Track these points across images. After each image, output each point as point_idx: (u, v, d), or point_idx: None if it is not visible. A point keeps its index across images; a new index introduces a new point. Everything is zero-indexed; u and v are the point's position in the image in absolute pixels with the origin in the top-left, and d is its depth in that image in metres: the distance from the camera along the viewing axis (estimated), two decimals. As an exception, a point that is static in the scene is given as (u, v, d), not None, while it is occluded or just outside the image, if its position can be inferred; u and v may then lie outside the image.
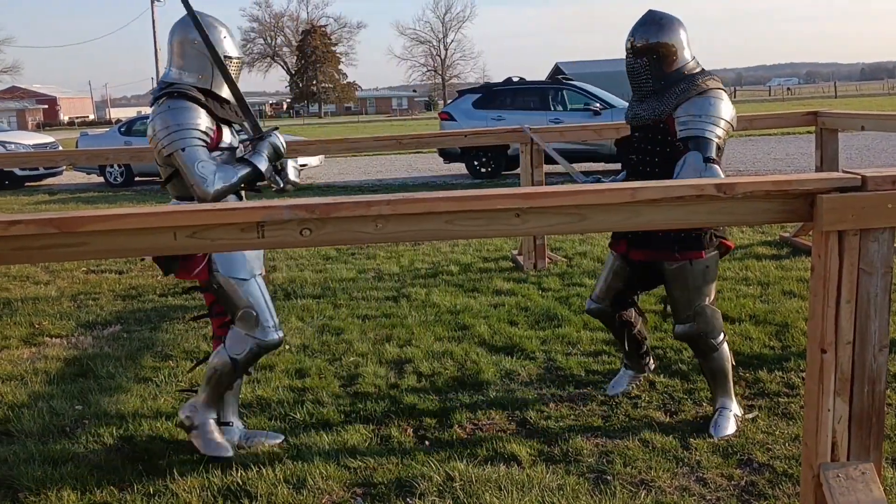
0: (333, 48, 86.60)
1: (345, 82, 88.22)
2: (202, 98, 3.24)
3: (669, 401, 3.78)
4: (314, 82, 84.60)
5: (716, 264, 3.44)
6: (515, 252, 7.23)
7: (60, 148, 18.33)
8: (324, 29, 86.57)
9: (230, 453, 3.33)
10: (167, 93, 3.23)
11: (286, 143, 3.44)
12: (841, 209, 2.09)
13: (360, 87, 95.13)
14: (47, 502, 3.04)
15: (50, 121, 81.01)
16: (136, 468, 3.29)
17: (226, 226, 2.19)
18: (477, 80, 73.59)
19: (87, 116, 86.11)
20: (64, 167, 17.75)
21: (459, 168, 15.71)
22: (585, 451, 3.29)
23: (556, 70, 77.26)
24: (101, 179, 16.88)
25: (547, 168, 7.88)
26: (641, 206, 2.22)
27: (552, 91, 15.10)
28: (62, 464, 3.35)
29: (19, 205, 14.07)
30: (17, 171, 16.80)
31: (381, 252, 7.75)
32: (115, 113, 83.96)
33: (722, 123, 3.26)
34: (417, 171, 17.22)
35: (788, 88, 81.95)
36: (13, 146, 16.93)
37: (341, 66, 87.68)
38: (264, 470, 3.20)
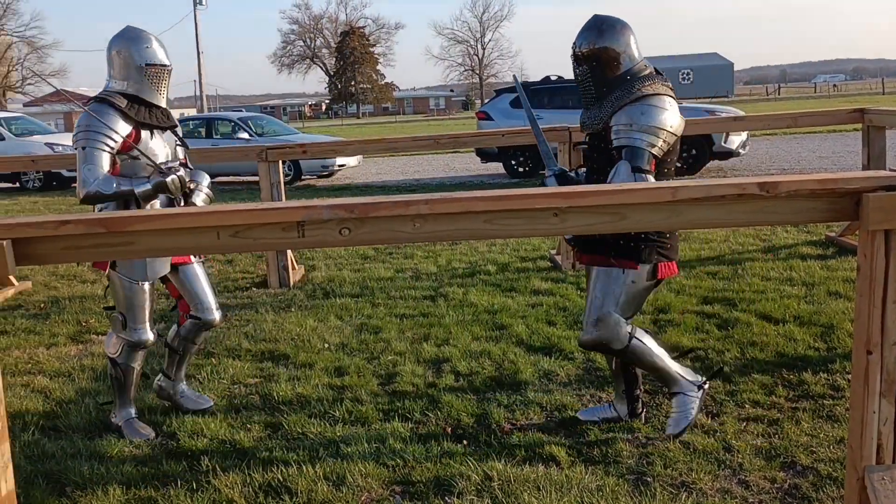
0: (371, 49, 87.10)
1: (382, 83, 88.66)
2: (124, 104, 3.54)
3: (711, 402, 3.74)
4: (352, 83, 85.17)
5: (644, 285, 3.29)
6: (553, 252, 7.20)
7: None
8: (362, 30, 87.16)
9: (152, 435, 3.69)
10: (95, 97, 3.60)
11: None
12: (888, 208, 2.05)
13: (397, 87, 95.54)
14: (94, 497, 3.11)
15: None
16: (180, 464, 3.35)
17: (267, 225, 2.23)
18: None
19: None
20: (109, 168, 18.09)
21: (497, 168, 15.69)
22: (625, 453, 3.27)
23: (596, 68, 76.81)
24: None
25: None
26: (682, 205, 2.21)
27: (591, 89, 14.96)
28: (108, 459, 3.42)
29: (66, 205, 14.38)
30: (65, 173, 17.20)
31: (419, 252, 7.77)
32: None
33: (655, 131, 3.13)
34: (455, 170, 17.24)
35: (835, 85, 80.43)
36: (61, 148, 17.31)
37: (379, 67, 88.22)
38: (304, 467, 3.23)
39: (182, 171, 3.61)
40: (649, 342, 3.36)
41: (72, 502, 3.09)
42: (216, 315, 3.90)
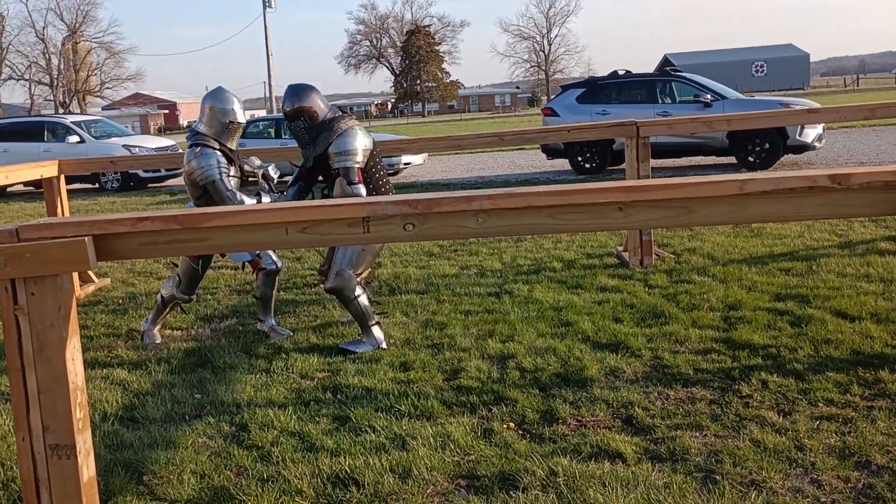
0: (437, 47, 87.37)
1: (448, 81, 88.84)
2: (217, 145, 4.96)
3: (783, 400, 3.66)
4: (418, 82, 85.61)
5: (372, 251, 4.93)
6: (621, 248, 7.12)
7: (180, 150, 19.30)
8: (427, 29, 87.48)
9: (159, 342, 5.22)
10: (197, 143, 4.97)
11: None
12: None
13: (462, 85, 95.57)
14: (169, 485, 3.22)
15: (170, 125, 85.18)
16: (252, 455, 3.44)
17: (334, 221, 2.27)
18: (581, 75, 72.74)
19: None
20: (183, 169, 18.63)
21: (563, 164, 15.59)
22: (693, 450, 3.22)
23: (665, 62, 75.58)
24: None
25: (654, 162, 7.72)
26: (750, 198, 2.17)
27: (660, 83, 14.73)
28: (183, 449, 3.54)
29: (143, 205, 14.87)
30: (141, 173, 17.80)
31: (484, 249, 7.78)
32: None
33: (355, 152, 4.76)
34: (520, 168, 17.19)
35: (916, 74, 77.13)
36: (137, 149, 17.93)
37: (444, 65, 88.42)
38: (371, 459, 3.28)
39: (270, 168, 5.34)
40: (366, 306, 4.84)
41: (148, 490, 3.21)
42: (279, 264, 5.28)
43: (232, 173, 5.05)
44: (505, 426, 3.58)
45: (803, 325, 4.66)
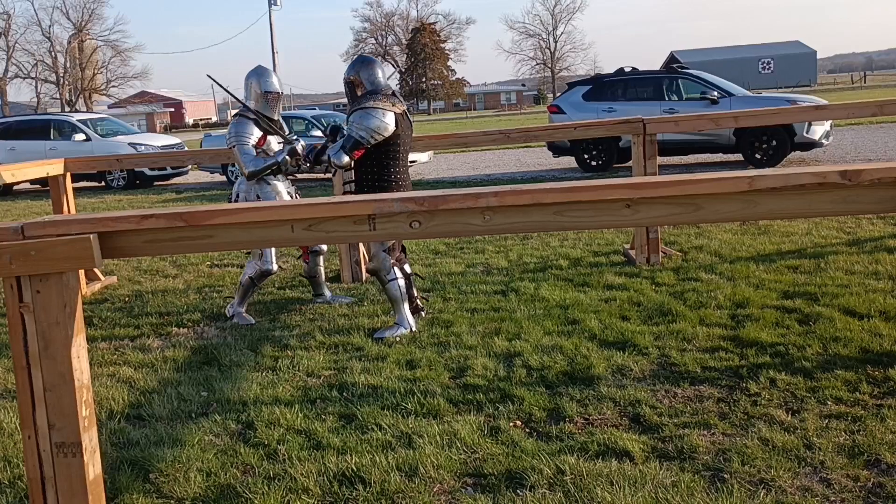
0: (442, 45, 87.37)
1: (453, 79, 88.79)
2: (255, 116, 5.45)
3: (791, 399, 3.63)
4: (423, 79, 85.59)
5: None
6: (627, 246, 7.10)
7: (186, 148, 19.35)
8: (433, 26, 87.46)
9: (253, 321, 5.53)
10: (237, 113, 5.52)
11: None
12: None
13: (468, 82, 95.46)
14: (176, 483, 3.21)
15: (176, 123, 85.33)
16: (258, 453, 3.43)
17: (339, 218, 2.26)
18: (587, 72, 72.67)
19: (210, 118, 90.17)
20: (190, 166, 18.70)
21: (569, 162, 15.54)
22: (701, 449, 3.21)
23: (672, 59, 75.35)
24: (224, 178, 17.65)
25: (661, 160, 7.70)
26: (759, 195, 2.15)
27: (666, 80, 14.69)
28: (189, 447, 3.53)
29: (149, 203, 14.89)
30: (147, 171, 17.84)
31: (490, 246, 7.77)
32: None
33: (365, 128, 4.88)
34: (526, 165, 17.16)
35: (924, 71, 76.72)
36: (143, 147, 17.96)
37: (450, 63, 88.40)
38: (377, 457, 3.27)
39: (302, 142, 5.57)
40: (402, 289, 5.06)
41: (155, 488, 3.20)
42: (275, 266, 5.65)
43: (275, 142, 5.51)
44: (511, 424, 3.57)
45: (811, 323, 4.63)
